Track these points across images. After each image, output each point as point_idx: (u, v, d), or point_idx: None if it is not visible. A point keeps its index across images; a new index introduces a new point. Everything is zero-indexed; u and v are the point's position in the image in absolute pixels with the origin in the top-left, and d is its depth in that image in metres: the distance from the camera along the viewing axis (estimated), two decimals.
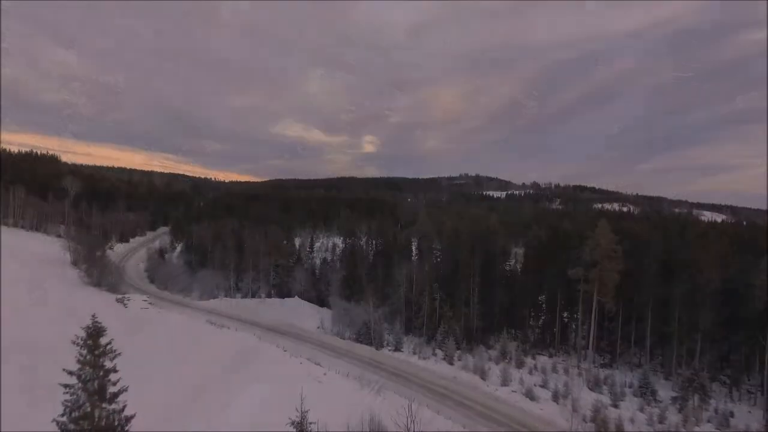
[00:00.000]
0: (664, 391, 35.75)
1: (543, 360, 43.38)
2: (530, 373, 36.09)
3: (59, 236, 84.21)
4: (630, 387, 35.79)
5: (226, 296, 60.74)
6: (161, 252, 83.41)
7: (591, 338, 36.64)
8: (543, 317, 49.37)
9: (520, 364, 37.90)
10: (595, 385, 34.46)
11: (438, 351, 40.48)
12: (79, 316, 36.36)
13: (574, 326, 49.15)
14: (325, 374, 31.84)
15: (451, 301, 45.41)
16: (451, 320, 42.37)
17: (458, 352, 40.26)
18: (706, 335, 36.62)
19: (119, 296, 49.66)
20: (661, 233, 55.24)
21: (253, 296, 60.09)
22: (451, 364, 36.86)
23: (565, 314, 48.86)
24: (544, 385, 32.50)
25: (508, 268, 52.13)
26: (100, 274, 57.35)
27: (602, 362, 42.25)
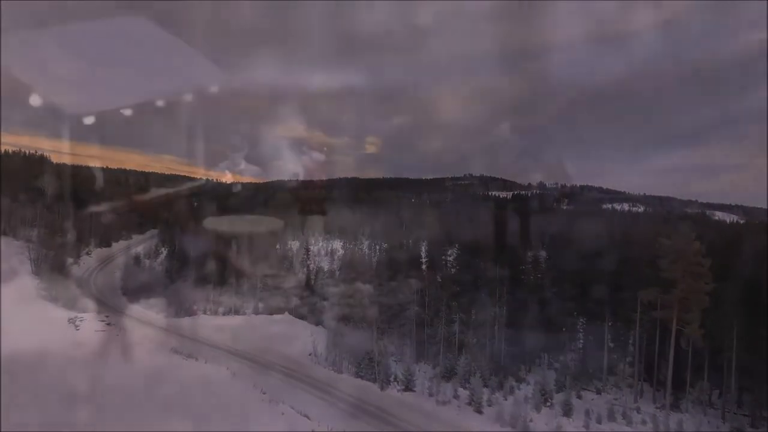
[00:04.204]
0: None
1: (590, 398, 34.77)
2: (585, 426, 27.45)
3: (29, 241, 76.19)
4: None
5: (205, 313, 52.35)
6: (137, 259, 74.79)
7: (669, 376, 27.93)
8: (582, 342, 40.67)
9: (568, 411, 29.28)
10: None
11: (460, 389, 31.93)
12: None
13: (614, 348, 40.52)
14: None
15: (474, 323, 36.86)
16: (475, 350, 33.78)
17: (485, 389, 31.75)
18: None
19: (72, 315, 41.31)
20: (720, 236, 46.57)
21: (236, 313, 51.74)
22: (480, 412, 28.33)
23: (609, 338, 40.28)
24: None
25: (539, 282, 43.41)
26: (59, 286, 49.21)
27: (664, 402, 33.56)
